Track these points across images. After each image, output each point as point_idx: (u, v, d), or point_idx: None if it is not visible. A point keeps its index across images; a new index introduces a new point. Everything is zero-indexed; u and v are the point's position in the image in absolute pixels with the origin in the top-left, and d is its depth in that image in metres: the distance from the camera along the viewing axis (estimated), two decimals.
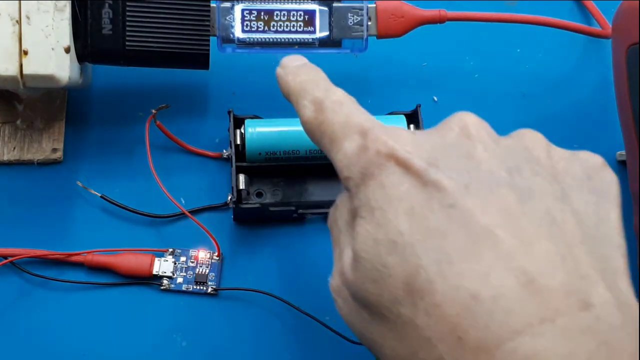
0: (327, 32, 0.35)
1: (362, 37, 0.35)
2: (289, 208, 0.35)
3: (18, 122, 0.36)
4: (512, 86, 0.41)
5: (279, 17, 0.35)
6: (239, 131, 0.35)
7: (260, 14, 0.35)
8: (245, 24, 0.35)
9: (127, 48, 0.33)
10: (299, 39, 0.35)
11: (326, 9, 0.35)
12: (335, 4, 0.35)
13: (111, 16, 0.33)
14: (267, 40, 0.35)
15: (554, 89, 0.41)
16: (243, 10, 0.35)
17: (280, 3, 0.35)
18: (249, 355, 0.34)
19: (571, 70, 0.42)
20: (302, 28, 0.35)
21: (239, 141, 0.35)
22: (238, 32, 0.35)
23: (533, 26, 0.39)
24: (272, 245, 0.36)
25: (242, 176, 0.35)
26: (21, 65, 0.31)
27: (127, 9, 0.33)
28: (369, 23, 0.35)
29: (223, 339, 0.34)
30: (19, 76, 0.32)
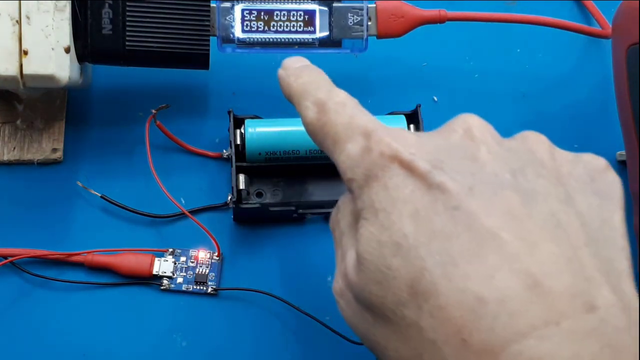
0: (327, 32, 0.35)
1: (362, 37, 0.35)
2: (289, 208, 0.35)
3: (18, 122, 0.36)
4: (512, 86, 0.41)
5: (279, 17, 0.35)
6: (239, 131, 0.35)
7: (260, 14, 0.35)
8: (245, 24, 0.35)
9: (127, 48, 0.33)
10: (299, 39, 0.35)
11: (326, 9, 0.35)
12: (335, 4, 0.35)
13: (111, 16, 0.33)
14: (267, 40, 0.35)
15: (554, 89, 0.41)
16: (243, 10, 0.35)
17: (280, 3, 0.35)
18: (249, 355, 0.34)
19: (571, 70, 0.42)
20: (302, 28, 0.35)
21: (239, 141, 0.35)
22: (238, 32, 0.35)
23: (533, 26, 0.39)
24: (272, 245, 0.36)
25: (242, 176, 0.35)
26: (21, 65, 0.31)
27: (127, 9, 0.33)
28: (369, 23, 0.35)
29: (223, 339, 0.34)
30: (19, 76, 0.32)
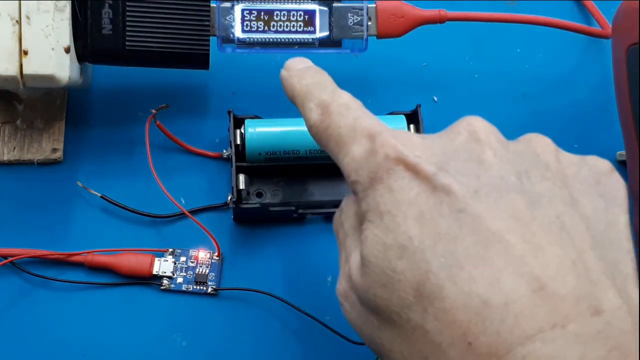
0: (327, 32, 0.35)
1: (362, 37, 0.35)
2: (289, 208, 0.35)
3: (18, 122, 0.36)
4: (512, 86, 0.41)
5: (279, 17, 0.35)
6: (239, 131, 0.35)
7: (260, 14, 0.35)
8: (245, 24, 0.35)
9: (127, 48, 0.33)
10: (299, 39, 0.35)
11: (326, 9, 0.35)
12: (335, 4, 0.35)
13: (111, 16, 0.33)
14: (267, 40, 0.35)
15: (554, 89, 0.41)
16: (243, 10, 0.35)
17: (280, 3, 0.35)
18: (249, 355, 0.34)
19: (571, 70, 0.42)
20: (302, 28, 0.35)
21: (239, 141, 0.35)
22: (238, 32, 0.35)
23: (533, 26, 0.39)
24: (272, 245, 0.36)
25: (242, 176, 0.35)
26: (21, 65, 0.31)
27: (127, 9, 0.33)
28: (369, 23, 0.35)
29: (223, 339, 0.34)
30: (19, 76, 0.32)
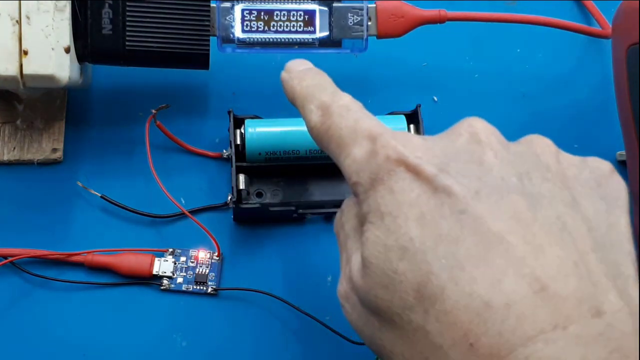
0: (327, 32, 0.35)
1: (362, 37, 0.35)
2: (289, 208, 0.35)
3: (18, 122, 0.36)
4: (512, 86, 0.41)
5: (279, 17, 0.35)
6: (239, 131, 0.35)
7: (260, 14, 0.35)
8: (245, 24, 0.35)
9: (127, 48, 0.33)
10: (299, 39, 0.35)
11: (326, 9, 0.35)
12: (335, 4, 0.35)
13: (111, 16, 0.33)
14: (267, 40, 0.35)
15: (554, 89, 0.41)
16: (243, 10, 0.35)
17: (280, 3, 0.35)
18: (249, 355, 0.34)
19: (571, 70, 0.42)
20: (302, 28, 0.35)
21: (239, 141, 0.35)
22: (238, 32, 0.35)
23: (533, 26, 0.39)
24: (272, 245, 0.36)
25: (242, 176, 0.35)
26: (21, 65, 0.31)
27: (127, 9, 0.33)
28: (369, 23, 0.35)
29: (223, 339, 0.34)
30: (19, 76, 0.32)
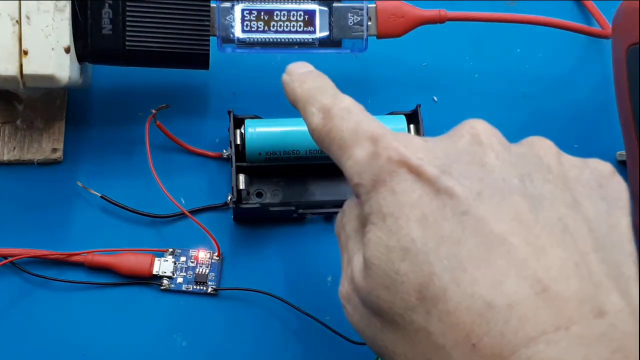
0: (327, 32, 0.35)
1: (362, 37, 0.35)
2: (289, 208, 0.35)
3: (18, 122, 0.36)
4: (512, 86, 0.41)
5: (279, 17, 0.35)
6: (239, 131, 0.35)
7: (260, 14, 0.35)
8: (245, 24, 0.35)
9: (127, 48, 0.33)
10: (299, 39, 0.35)
11: (326, 9, 0.35)
12: (335, 4, 0.35)
13: (111, 16, 0.33)
14: (267, 40, 0.35)
15: (554, 89, 0.41)
16: (243, 10, 0.35)
17: (280, 3, 0.35)
18: (249, 355, 0.34)
19: (571, 70, 0.42)
20: (302, 28, 0.35)
21: (239, 141, 0.35)
22: (238, 32, 0.35)
23: (533, 26, 0.39)
24: (272, 245, 0.36)
25: (242, 176, 0.35)
26: (21, 65, 0.31)
27: (127, 9, 0.33)
28: (369, 23, 0.35)
29: (223, 339, 0.34)
30: (19, 76, 0.32)
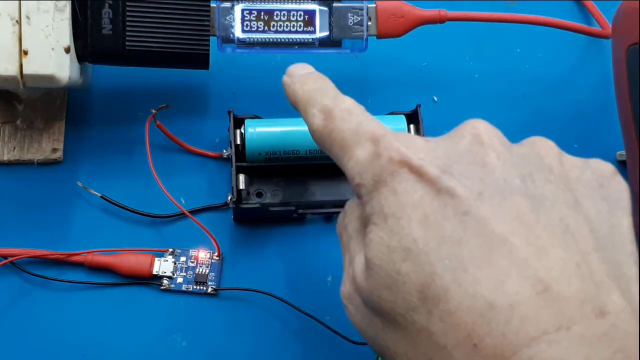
0: (327, 32, 0.35)
1: (362, 37, 0.35)
2: (289, 208, 0.35)
3: (18, 122, 0.36)
4: (512, 86, 0.41)
5: (279, 17, 0.35)
6: (239, 131, 0.35)
7: (260, 14, 0.35)
8: (245, 24, 0.35)
9: (127, 48, 0.33)
10: (299, 39, 0.35)
11: (326, 9, 0.35)
12: (335, 4, 0.35)
13: (111, 16, 0.33)
14: (267, 40, 0.35)
15: (554, 89, 0.41)
16: (243, 10, 0.35)
17: (280, 3, 0.35)
18: (249, 355, 0.34)
19: (571, 70, 0.42)
20: (302, 28, 0.35)
21: (239, 141, 0.35)
22: (238, 32, 0.35)
23: (533, 26, 0.39)
24: (272, 245, 0.36)
25: (242, 176, 0.35)
26: (21, 65, 0.31)
27: (127, 9, 0.33)
28: (369, 23, 0.35)
29: (223, 339, 0.34)
30: (19, 76, 0.32)
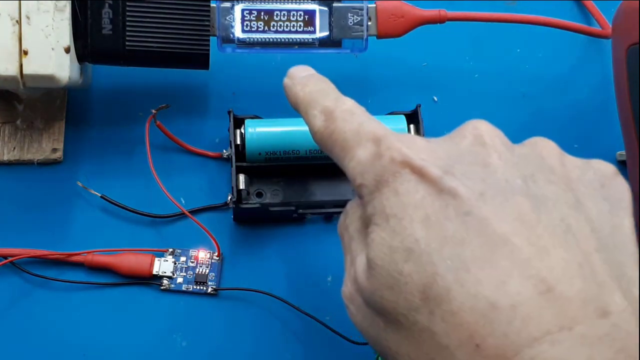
0: (327, 32, 0.35)
1: (362, 37, 0.35)
2: (289, 208, 0.35)
3: (18, 122, 0.36)
4: (512, 86, 0.41)
5: (279, 17, 0.35)
6: (239, 131, 0.35)
7: (260, 14, 0.35)
8: (245, 24, 0.35)
9: (127, 48, 0.33)
10: (299, 39, 0.35)
11: (326, 9, 0.35)
12: (335, 4, 0.35)
13: (111, 16, 0.33)
14: (267, 40, 0.35)
15: (554, 89, 0.41)
16: (243, 10, 0.35)
17: (280, 3, 0.35)
18: (249, 355, 0.34)
19: (571, 70, 0.42)
20: (302, 28, 0.35)
21: (239, 141, 0.35)
22: (238, 32, 0.35)
23: (533, 26, 0.39)
24: (272, 245, 0.36)
25: (242, 176, 0.35)
26: (21, 65, 0.31)
27: (127, 9, 0.33)
28: (369, 23, 0.35)
29: (223, 339, 0.34)
30: (19, 76, 0.32)
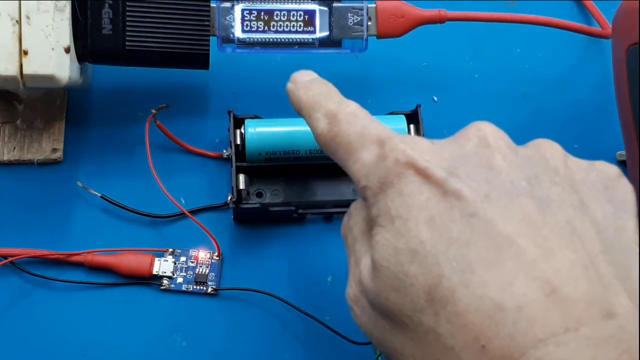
0: (327, 32, 0.35)
1: (362, 37, 0.35)
2: (289, 208, 0.35)
3: (18, 122, 0.36)
4: (512, 86, 0.41)
5: (279, 17, 0.35)
6: (239, 131, 0.35)
7: (260, 14, 0.35)
8: (245, 24, 0.35)
9: (127, 48, 0.33)
10: (299, 39, 0.35)
11: (326, 9, 0.35)
12: (335, 4, 0.35)
13: (111, 16, 0.33)
14: (267, 40, 0.35)
15: (554, 89, 0.41)
16: (243, 10, 0.35)
17: (280, 3, 0.35)
18: (249, 355, 0.34)
19: (571, 70, 0.42)
20: (302, 28, 0.35)
21: (239, 141, 0.35)
22: (238, 32, 0.35)
23: (533, 26, 0.39)
24: (272, 245, 0.36)
25: (242, 176, 0.35)
26: (21, 65, 0.31)
27: (127, 9, 0.33)
28: (369, 23, 0.35)
29: (223, 339, 0.34)
30: (19, 76, 0.32)
